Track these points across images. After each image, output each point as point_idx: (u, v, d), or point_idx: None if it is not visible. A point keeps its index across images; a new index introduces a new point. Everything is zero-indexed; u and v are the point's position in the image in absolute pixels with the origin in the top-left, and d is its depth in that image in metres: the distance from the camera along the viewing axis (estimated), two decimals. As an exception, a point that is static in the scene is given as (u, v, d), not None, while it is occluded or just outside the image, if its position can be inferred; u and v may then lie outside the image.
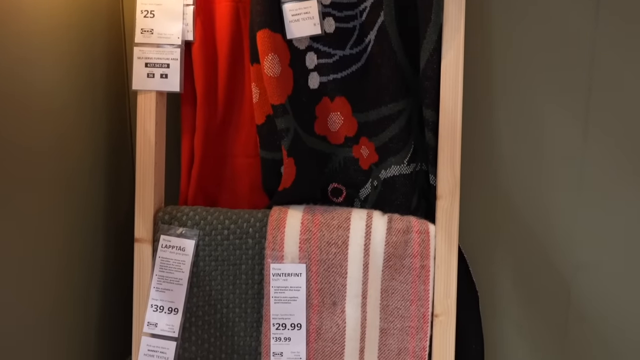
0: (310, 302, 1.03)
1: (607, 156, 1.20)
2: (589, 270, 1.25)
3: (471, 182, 1.18)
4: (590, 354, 1.28)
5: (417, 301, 1.03)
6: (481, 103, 1.21)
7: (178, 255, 1.06)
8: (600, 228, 1.24)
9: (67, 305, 1.04)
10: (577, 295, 1.26)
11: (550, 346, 1.29)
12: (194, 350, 1.08)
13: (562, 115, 1.19)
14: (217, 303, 1.08)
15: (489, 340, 1.24)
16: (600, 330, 1.27)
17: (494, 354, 1.29)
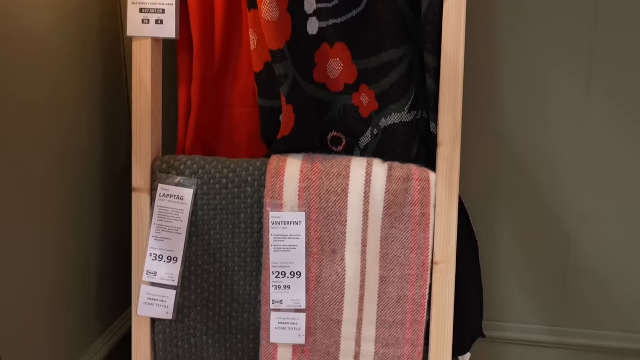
0: (309, 250, 1.03)
1: (610, 110, 1.19)
2: (590, 222, 1.25)
3: (473, 131, 1.17)
4: (588, 304, 1.29)
5: (417, 249, 1.03)
6: (483, 52, 1.19)
7: (176, 205, 1.05)
8: (601, 180, 1.23)
9: (66, 258, 1.04)
10: (577, 247, 1.26)
11: (549, 296, 1.30)
12: (194, 299, 1.09)
13: (566, 70, 1.18)
14: (216, 252, 1.08)
15: (487, 290, 1.25)
16: (599, 281, 1.28)
17: (493, 304, 1.30)
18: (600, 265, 1.26)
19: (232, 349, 1.13)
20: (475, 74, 1.17)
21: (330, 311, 1.04)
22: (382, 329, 1.06)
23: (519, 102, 1.20)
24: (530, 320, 1.31)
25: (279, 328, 1.05)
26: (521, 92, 1.20)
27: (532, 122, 1.21)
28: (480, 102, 1.20)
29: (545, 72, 1.18)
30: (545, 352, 1.32)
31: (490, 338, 1.30)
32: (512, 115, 1.21)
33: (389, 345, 1.06)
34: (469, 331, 1.22)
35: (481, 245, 1.18)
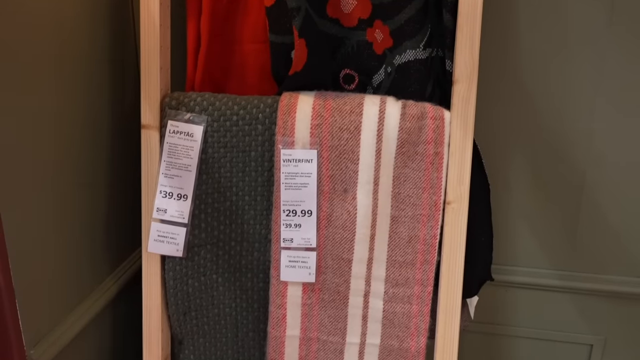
0: (321, 189, 1.02)
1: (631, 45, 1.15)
2: (605, 165, 1.23)
3: (487, 70, 1.14)
4: (599, 249, 1.29)
5: (430, 189, 1.02)
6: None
7: (186, 142, 1.03)
8: (619, 122, 1.21)
9: (75, 197, 1.03)
10: (591, 190, 1.24)
11: (560, 240, 1.29)
12: (204, 237, 1.08)
13: (586, 3, 1.14)
14: (226, 190, 1.07)
15: (497, 233, 1.24)
16: (611, 225, 1.27)
17: (502, 248, 1.30)
18: (613, 209, 1.25)
19: (242, 287, 1.13)
20: (493, 8, 1.13)
21: (341, 250, 1.04)
22: (392, 268, 1.06)
23: (537, 38, 1.17)
24: (540, 264, 1.30)
25: (289, 266, 1.05)
26: (540, 28, 1.16)
27: (550, 60, 1.18)
28: (496, 39, 1.17)
29: (564, 4, 1.14)
30: (553, 296, 1.32)
31: (499, 282, 1.30)
32: (530, 54, 1.18)
33: (398, 285, 1.06)
34: (478, 274, 1.22)
35: (493, 188, 1.17)
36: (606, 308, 1.31)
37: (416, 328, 1.08)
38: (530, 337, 1.35)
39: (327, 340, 1.10)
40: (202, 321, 1.14)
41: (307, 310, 1.08)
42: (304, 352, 1.11)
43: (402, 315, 1.07)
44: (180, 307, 1.12)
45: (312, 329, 1.09)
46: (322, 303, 1.08)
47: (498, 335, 1.37)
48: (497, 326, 1.36)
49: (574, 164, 1.24)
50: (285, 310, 1.08)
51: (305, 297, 1.07)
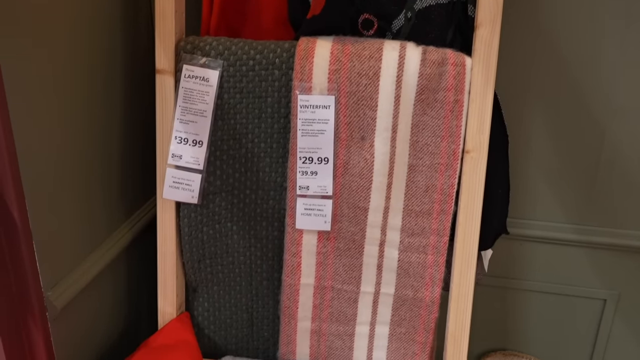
0: (338, 136, 1.01)
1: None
2: (626, 118, 1.20)
3: (509, 17, 1.11)
4: (617, 203, 1.27)
5: (448, 137, 1.00)
6: None
7: (201, 86, 1.02)
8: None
9: (89, 142, 1.02)
10: (611, 142, 1.22)
11: (578, 194, 1.28)
12: (219, 184, 1.08)
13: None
14: (242, 137, 1.06)
15: (514, 186, 1.23)
16: (631, 179, 1.25)
17: (519, 201, 1.29)
18: (632, 163, 1.23)
19: (257, 236, 1.13)
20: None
21: (357, 198, 1.03)
22: (408, 218, 1.05)
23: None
24: (556, 218, 1.29)
25: (304, 214, 1.04)
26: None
27: (577, 7, 1.14)
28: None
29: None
30: (568, 250, 1.31)
31: (514, 235, 1.29)
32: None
33: (414, 235, 1.06)
34: (493, 227, 1.21)
35: (511, 139, 1.15)
36: (621, 263, 1.30)
37: (431, 278, 1.08)
38: (543, 291, 1.35)
39: (342, 289, 1.10)
40: (216, 269, 1.15)
41: (322, 258, 1.08)
42: (318, 300, 1.11)
43: (417, 265, 1.07)
44: (195, 254, 1.12)
45: (327, 278, 1.09)
46: (337, 252, 1.07)
47: (511, 289, 1.36)
48: (510, 280, 1.36)
49: (595, 117, 1.21)
50: (300, 259, 1.08)
51: (321, 246, 1.07)
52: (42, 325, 0.90)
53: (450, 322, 1.06)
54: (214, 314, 1.18)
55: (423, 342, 1.11)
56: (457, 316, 1.05)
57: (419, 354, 1.12)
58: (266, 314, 1.19)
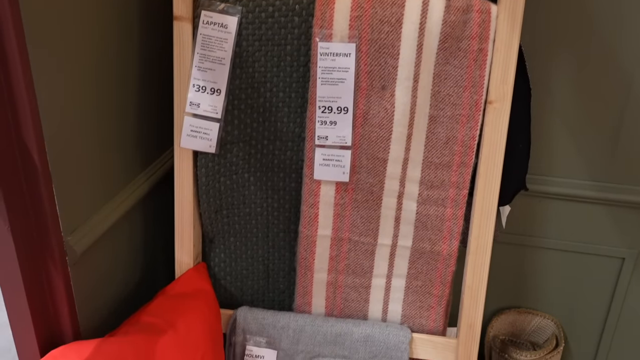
0: (358, 85, 0.99)
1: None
2: (653, 73, 1.17)
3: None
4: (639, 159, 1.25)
5: (471, 87, 0.98)
6: None
7: (220, 33, 1.00)
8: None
9: (107, 91, 1.00)
10: (636, 100, 1.19)
11: (600, 151, 1.26)
12: (236, 134, 1.07)
13: None
14: (260, 86, 1.04)
15: (535, 142, 1.21)
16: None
17: (539, 157, 1.27)
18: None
19: (274, 187, 1.13)
20: None
21: (376, 149, 1.02)
22: (427, 170, 1.04)
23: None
24: (576, 174, 1.27)
25: (323, 165, 1.04)
26: None
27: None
28: None
29: None
30: (587, 207, 1.30)
31: (533, 192, 1.28)
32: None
33: (433, 187, 1.05)
34: (512, 183, 1.20)
35: (534, 93, 1.13)
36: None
37: (449, 231, 1.07)
38: (560, 249, 1.34)
39: (359, 241, 1.10)
40: (233, 220, 1.15)
41: (340, 210, 1.07)
42: (335, 252, 1.11)
43: (435, 218, 1.06)
44: (212, 204, 1.12)
45: (344, 229, 1.09)
46: (355, 203, 1.07)
47: (528, 246, 1.36)
48: (527, 237, 1.35)
49: (621, 73, 1.18)
50: (317, 210, 1.07)
51: (338, 197, 1.06)
52: (62, 269, 0.91)
53: (467, 275, 1.06)
54: (230, 265, 1.18)
55: (439, 295, 1.11)
56: (475, 269, 1.05)
57: (434, 307, 1.13)
58: (282, 266, 1.19)
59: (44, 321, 0.92)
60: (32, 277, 0.88)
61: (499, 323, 1.44)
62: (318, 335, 1.13)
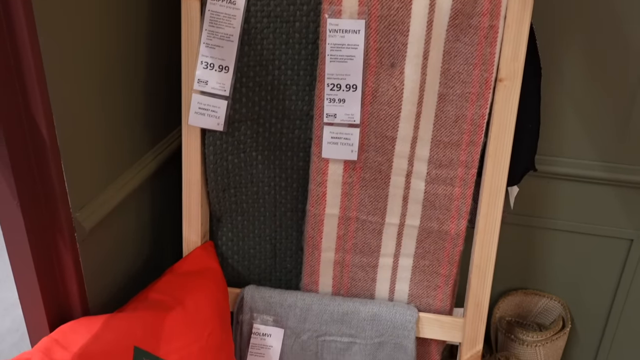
0: (367, 62, 0.98)
1: None
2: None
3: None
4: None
5: (481, 65, 0.97)
6: None
7: (228, 10, 0.99)
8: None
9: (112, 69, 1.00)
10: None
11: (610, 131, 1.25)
12: (244, 112, 1.06)
13: None
14: (268, 64, 1.03)
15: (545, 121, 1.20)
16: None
17: (549, 137, 1.26)
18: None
19: (282, 166, 1.12)
20: None
21: (385, 127, 1.02)
22: (436, 149, 1.03)
23: None
24: (586, 155, 1.26)
25: (331, 143, 1.03)
26: None
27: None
28: None
29: None
30: (597, 188, 1.29)
31: (542, 172, 1.27)
32: None
33: (442, 166, 1.04)
34: (521, 163, 1.19)
35: (544, 72, 1.12)
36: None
37: (457, 211, 1.07)
38: (568, 230, 1.34)
39: (366, 220, 1.09)
40: (240, 199, 1.15)
41: (348, 189, 1.07)
42: (342, 231, 1.11)
43: (443, 198, 1.06)
44: (220, 183, 1.12)
45: (352, 208, 1.09)
46: (363, 182, 1.06)
47: (536, 227, 1.35)
48: (535, 218, 1.34)
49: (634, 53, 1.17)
50: (325, 189, 1.07)
51: (346, 176, 1.06)
52: (70, 245, 0.91)
53: (475, 254, 1.06)
54: (238, 244, 1.18)
55: (447, 274, 1.11)
56: (483, 248, 1.05)
57: (442, 287, 1.13)
58: (289, 245, 1.19)
59: (53, 297, 0.92)
60: (41, 252, 0.88)
61: (506, 304, 1.44)
62: (325, 314, 1.13)
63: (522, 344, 1.35)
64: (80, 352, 0.83)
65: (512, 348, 1.37)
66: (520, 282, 1.42)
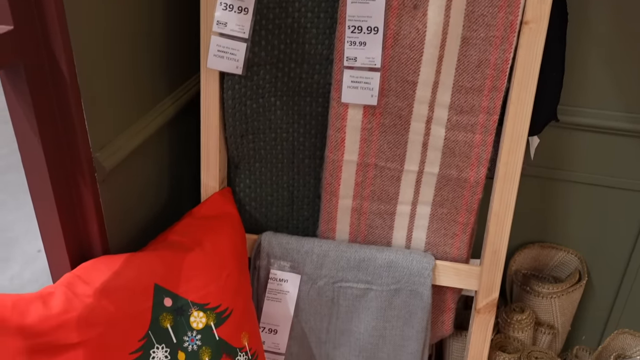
0: (389, 4, 0.96)
1: None
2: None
3: None
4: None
5: (506, 7, 0.95)
6: None
7: (248, -52, 0.97)
8: None
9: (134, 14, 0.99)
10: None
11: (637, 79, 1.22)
12: (263, 55, 1.05)
13: None
14: (288, 5, 1.02)
15: (569, 70, 1.17)
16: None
17: (572, 87, 1.23)
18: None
19: (300, 112, 1.11)
20: None
21: (406, 71, 1.00)
22: (458, 94, 1.02)
23: None
24: (610, 106, 1.24)
25: (351, 87, 1.02)
26: None
27: None
28: None
29: None
30: (620, 140, 1.26)
31: (564, 123, 1.25)
32: None
33: (463, 112, 1.03)
34: (543, 113, 1.17)
35: (570, 17, 1.09)
36: (674, 155, 1.25)
37: (477, 158, 1.05)
38: (589, 182, 1.32)
39: (385, 166, 1.09)
40: (258, 145, 1.14)
41: (367, 135, 1.06)
42: (361, 178, 1.11)
43: (463, 144, 1.05)
44: (238, 128, 1.11)
45: (370, 155, 1.08)
46: (383, 128, 1.05)
47: (556, 180, 1.33)
48: (555, 171, 1.33)
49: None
50: (344, 134, 1.06)
51: (366, 121, 1.05)
52: (91, 184, 0.92)
53: (494, 201, 1.05)
54: (255, 191, 1.19)
55: (464, 223, 1.11)
56: (502, 196, 1.04)
57: (459, 235, 1.12)
58: (307, 193, 1.19)
59: (75, 236, 0.93)
60: (62, 190, 0.89)
61: (522, 257, 1.44)
62: (341, 261, 1.13)
63: (538, 296, 1.35)
64: (101, 287, 0.85)
65: (528, 300, 1.37)
66: (537, 235, 1.42)
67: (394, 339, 1.18)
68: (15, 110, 0.83)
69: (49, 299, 0.80)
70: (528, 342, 1.34)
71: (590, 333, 1.48)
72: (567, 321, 1.40)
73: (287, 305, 1.18)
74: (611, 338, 1.26)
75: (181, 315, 0.92)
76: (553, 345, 1.38)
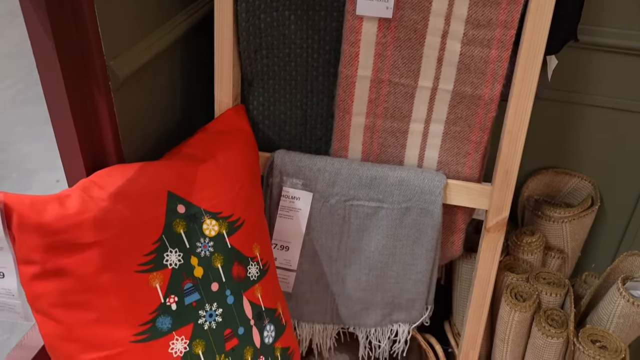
0: None
1: None
2: None
3: None
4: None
5: None
6: None
7: None
8: None
9: None
10: None
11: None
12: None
13: None
14: None
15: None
16: None
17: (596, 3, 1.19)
18: None
19: (314, 27, 1.10)
20: None
21: (423, -18, 0.98)
22: (475, 7, 1.00)
23: None
24: (634, 25, 1.20)
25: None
26: None
27: None
28: None
29: None
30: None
31: (584, 43, 1.22)
32: None
33: (480, 27, 1.01)
34: (562, 31, 1.14)
35: None
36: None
37: (492, 74, 1.04)
38: (608, 106, 1.29)
39: (399, 82, 1.08)
40: (272, 61, 1.14)
41: (381, 49, 1.05)
42: (374, 94, 1.10)
43: (479, 60, 1.03)
44: (252, 43, 1.10)
45: (385, 71, 1.07)
46: (397, 42, 1.04)
47: (573, 103, 1.31)
48: (573, 94, 1.30)
49: None
50: (358, 49, 1.05)
51: (380, 36, 1.04)
52: (105, 92, 0.92)
53: (508, 119, 1.04)
54: (269, 109, 1.19)
55: (477, 141, 1.11)
56: (517, 113, 1.03)
57: (472, 154, 1.12)
58: (320, 112, 1.19)
59: (90, 144, 0.95)
60: (77, 98, 0.90)
61: (535, 183, 1.43)
62: (353, 179, 1.14)
63: (549, 220, 1.35)
64: (116, 192, 0.86)
65: (539, 224, 1.38)
66: (551, 161, 1.41)
67: (403, 258, 1.20)
68: (30, 16, 0.83)
69: (66, 200, 0.82)
70: (537, 265, 1.35)
71: (600, 260, 1.49)
72: (578, 247, 1.41)
73: (299, 222, 1.20)
74: (620, 260, 1.26)
75: (194, 222, 0.94)
76: (562, 270, 1.39)
